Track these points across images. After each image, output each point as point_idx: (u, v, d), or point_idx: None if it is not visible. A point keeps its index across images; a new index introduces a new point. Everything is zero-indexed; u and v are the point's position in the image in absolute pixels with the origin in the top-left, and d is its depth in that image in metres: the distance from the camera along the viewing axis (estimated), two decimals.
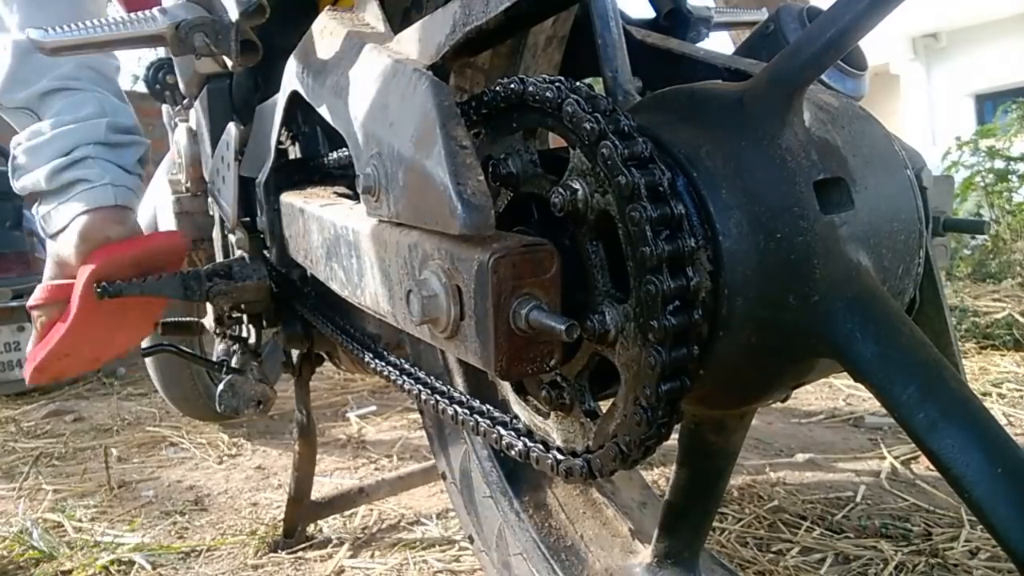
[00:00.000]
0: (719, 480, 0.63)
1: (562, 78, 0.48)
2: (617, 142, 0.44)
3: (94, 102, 1.08)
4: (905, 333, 0.43)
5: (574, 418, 0.54)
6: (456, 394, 0.67)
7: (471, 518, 0.91)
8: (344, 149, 0.85)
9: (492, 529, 0.88)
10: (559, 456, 0.53)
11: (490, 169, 0.54)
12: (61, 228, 1.04)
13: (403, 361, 0.77)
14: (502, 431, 0.58)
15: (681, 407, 0.46)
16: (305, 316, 1.00)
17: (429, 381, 0.71)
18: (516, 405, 0.61)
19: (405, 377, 0.73)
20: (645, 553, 0.75)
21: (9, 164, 1.10)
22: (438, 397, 0.67)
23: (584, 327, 0.47)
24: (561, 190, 0.48)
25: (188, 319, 1.26)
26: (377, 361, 0.79)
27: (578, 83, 0.48)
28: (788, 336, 0.46)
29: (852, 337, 0.44)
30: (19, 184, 1.09)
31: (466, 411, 0.63)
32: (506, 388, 0.62)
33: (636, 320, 0.45)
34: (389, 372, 0.76)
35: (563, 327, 0.42)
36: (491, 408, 0.62)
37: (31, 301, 1.07)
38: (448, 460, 0.95)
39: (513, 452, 0.57)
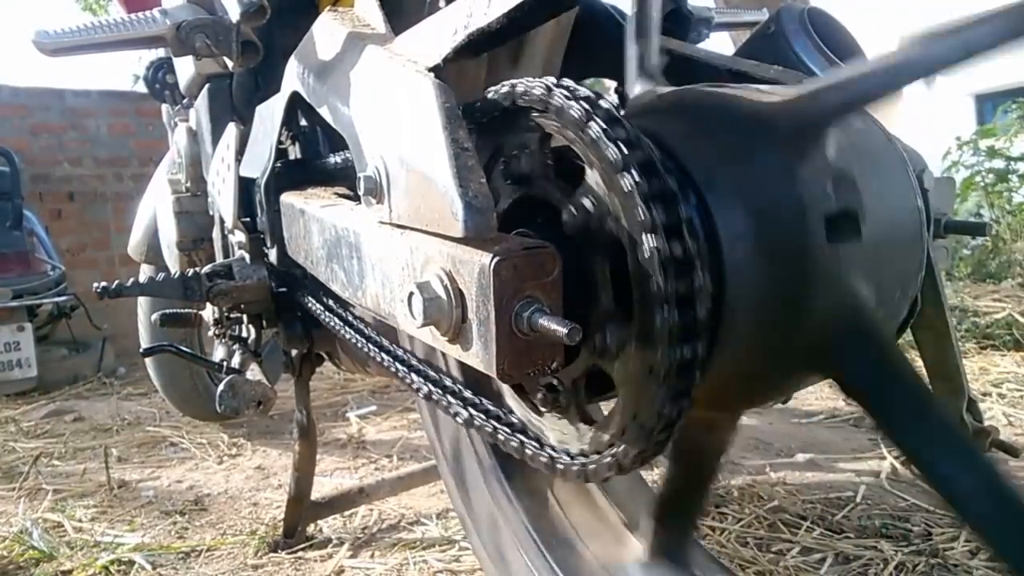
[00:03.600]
0: (710, 475, 0.63)
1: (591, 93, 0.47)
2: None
3: None
4: (896, 363, 0.45)
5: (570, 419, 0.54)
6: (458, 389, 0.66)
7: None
8: (345, 150, 0.85)
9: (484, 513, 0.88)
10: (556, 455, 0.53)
11: (501, 167, 0.53)
12: None
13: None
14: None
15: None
16: (306, 308, 1.00)
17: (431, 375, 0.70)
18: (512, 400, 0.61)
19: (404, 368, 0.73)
20: (636, 545, 0.75)
21: None
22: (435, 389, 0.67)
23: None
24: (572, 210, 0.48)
25: (186, 311, 1.26)
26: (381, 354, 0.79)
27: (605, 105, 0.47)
28: (788, 360, 0.47)
29: (851, 368, 0.45)
30: None
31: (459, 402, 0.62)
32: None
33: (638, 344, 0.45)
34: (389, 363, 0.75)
35: (565, 330, 0.42)
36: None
37: None
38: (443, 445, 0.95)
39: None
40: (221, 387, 1.07)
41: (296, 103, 0.79)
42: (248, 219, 1.00)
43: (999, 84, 8.87)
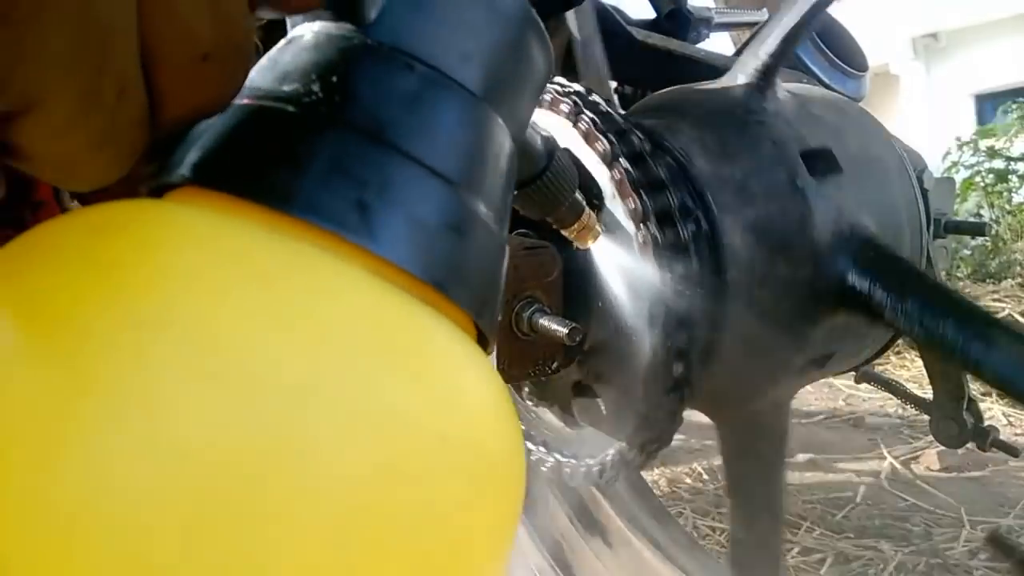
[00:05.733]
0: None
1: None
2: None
3: None
4: (915, 274, 0.45)
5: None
6: None
7: None
8: None
9: None
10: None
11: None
12: None
13: None
14: None
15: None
16: None
17: None
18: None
19: None
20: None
21: None
22: None
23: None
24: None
25: None
26: None
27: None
28: (802, 296, 0.47)
29: (869, 287, 0.45)
30: None
31: None
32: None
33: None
34: None
35: (566, 330, 0.42)
36: None
37: None
38: None
39: None
40: None
41: None
42: None
43: (999, 84, 8.88)
